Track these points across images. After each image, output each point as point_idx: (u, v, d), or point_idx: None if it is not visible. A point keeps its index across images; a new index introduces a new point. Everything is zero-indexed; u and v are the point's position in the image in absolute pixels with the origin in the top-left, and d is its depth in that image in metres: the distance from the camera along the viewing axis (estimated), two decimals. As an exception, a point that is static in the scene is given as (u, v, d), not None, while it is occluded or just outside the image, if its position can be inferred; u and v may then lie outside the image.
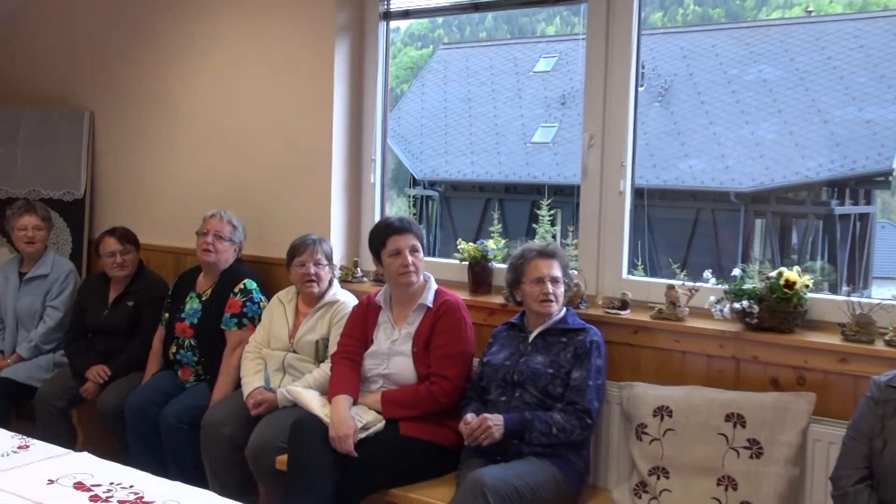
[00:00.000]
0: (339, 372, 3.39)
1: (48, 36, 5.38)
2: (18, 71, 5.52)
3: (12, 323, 4.49)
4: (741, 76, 10.41)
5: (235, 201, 4.40)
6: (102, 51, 5.11)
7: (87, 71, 5.19)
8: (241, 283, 4.00)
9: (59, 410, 4.18)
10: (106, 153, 5.14)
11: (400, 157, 12.03)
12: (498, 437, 2.98)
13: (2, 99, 5.46)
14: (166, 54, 4.81)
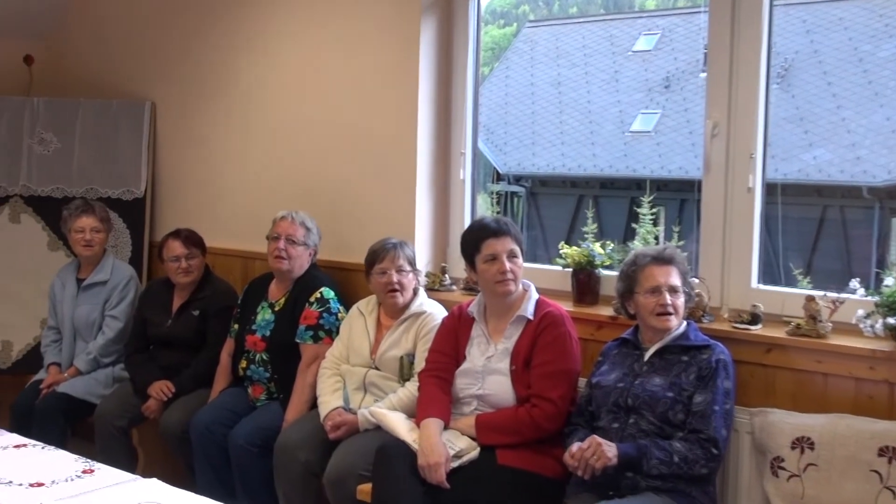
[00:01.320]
0: (427, 392, 3.37)
1: (108, 21, 5.51)
2: (77, 59, 5.66)
3: (69, 333, 4.58)
4: (874, 53, 10.07)
5: (309, 200, 4.42)
6: (165, 36, 5.20)
7: (149, 58, 5.29)
8: (318, 291, 4.01)
9: (119, 430, 4.25)
10: (168, 148, 5.22)
11: (482, 148, 12.01)
12: (612, 458, 2.90)
13: (59, 88, 5.61)
14: (234, 40, 4.86)
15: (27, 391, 4.48)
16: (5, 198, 5.15)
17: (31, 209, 5.16)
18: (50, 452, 2.82)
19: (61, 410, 4.31)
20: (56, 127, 5.21)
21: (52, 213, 5.02)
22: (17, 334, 5.06)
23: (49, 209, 5.10)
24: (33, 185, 5.17)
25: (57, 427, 4.27)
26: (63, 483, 2.55)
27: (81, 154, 5.21)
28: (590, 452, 2.92)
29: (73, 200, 4.80)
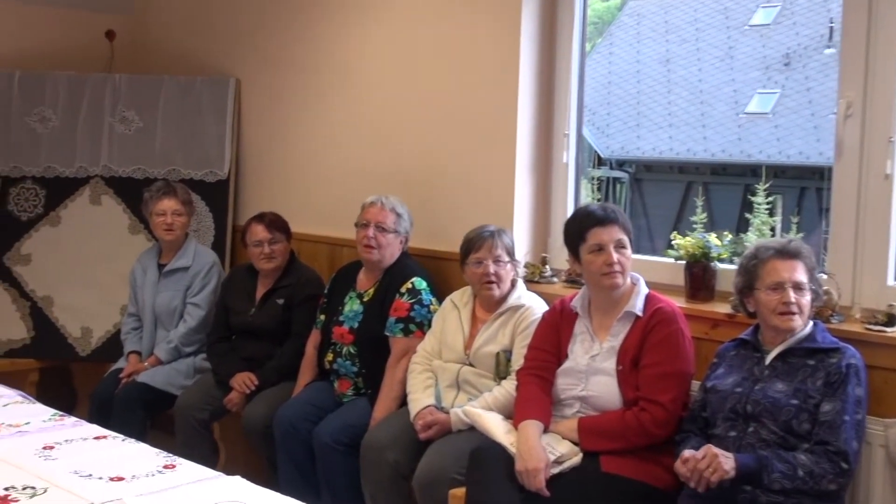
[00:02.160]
0: (526, 392, 3.33)
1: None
2: (159, 33, 5.77)
3: (150, 321, 4.68)
4: None
5: (401, 184, 4.41)
6: (251, 11, 5.25)
7: (234, 33, 5.35)
8: (409, 282, 4.00)
9: (201, 423, 4.32)
10: (253, 127, 5.28)
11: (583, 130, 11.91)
12: (729, 472, 2.83)
13: (142, 64, 5.73)
14: (325, 16, 4.88)
15: (107, 380, 4.59)
16: (86, 178, 5.28)
17: (111, 190, 5.28)
18: (131, 445, 2.87)
19: (141, 401, 4.40)
20: (138, 105, 5.32)
21: (133, 195, 5.13)
22: (97, 321, 5.19)
23: (130, 191, 5.21)
24: (114, 165, 5.28)
25: (137, 418, 4.36)
26: (144, 478, 2.59)
27: (164, 133, 5.30)
28: (705, 464, 2.85)
29: (154, 182, 4.89)
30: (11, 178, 5.27)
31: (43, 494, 2.44)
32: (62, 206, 5.27)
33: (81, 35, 5.68)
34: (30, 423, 3.03)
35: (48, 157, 5.28)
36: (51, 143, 5.29)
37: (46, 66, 5.44)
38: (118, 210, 5.27)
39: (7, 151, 5.27)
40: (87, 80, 5.34)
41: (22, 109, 5.29)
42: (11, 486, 2.47)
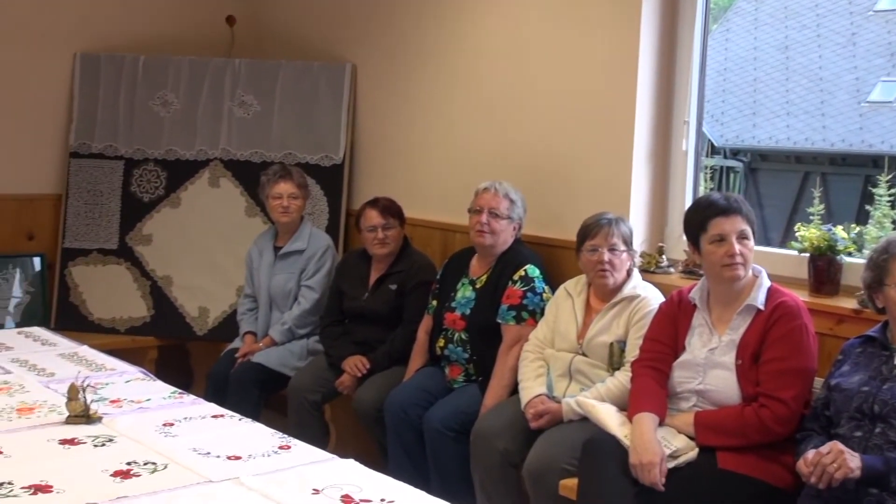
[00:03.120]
0: (641, 384, 3.26)
1: (310, -23, 5.64)
2: (278, 19, 5.83)
3: (265, 303, 4.74)
4: None
5: (515, 170, 4.37)
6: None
7: (351, 18, 5.37)
8: (522, 269, 3.96)
9: (313, 404, 4.37)
10: (368, 112, 5.30)
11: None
12: (854, 471, 2.71)
13: (261, 50, 5.80)
14: (441, 2, 4.86)
15: (223, 360, 4.68)
16: (205, 161, 5.38)
17: (230, 173, 5.36)
18: (247, 425, 2.91)
19: (256, 381, 4.47)
20: (256, 89, 5.38)
21: (250, 178, 5.20)
22: (214, 301, 5.29)
23: (248, 174, 5.28)
24: (233, 148, 5.37)
25: (251, 397, 4.43)
26: (260, 458, 2.61)
27: (281, 117, 5.36)
28: (829, 458, 2.73)
29: (271, 165, 4.95)
30: (134, 161, 5.41)
31: (163, 470, 2.48)
32: (182, 188, 5.38)
33: (203, 20, 5.78)
34: (151, 399, 3.09)
35: (169, 140, 5.40)
36: (172, 127, 5.40)
37: (169, 51, 5.55)
38: (236, 193, 5.35)
39: (131, 134, 5.40)
40: (208, 64, 5.44)
41: (146, 93, 5.41)
42: (133, 461, 2.52)
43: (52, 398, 2.99)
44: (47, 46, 5.38)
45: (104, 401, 3.00)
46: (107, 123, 5.42)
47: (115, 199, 5.40)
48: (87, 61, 5.44)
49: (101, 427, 2.77)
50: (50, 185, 5.47)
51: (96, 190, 5.40)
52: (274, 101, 5.37)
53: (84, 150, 5.42)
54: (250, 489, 2.37)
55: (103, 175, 5.41)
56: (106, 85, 5.42)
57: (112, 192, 5.40)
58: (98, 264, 5.38)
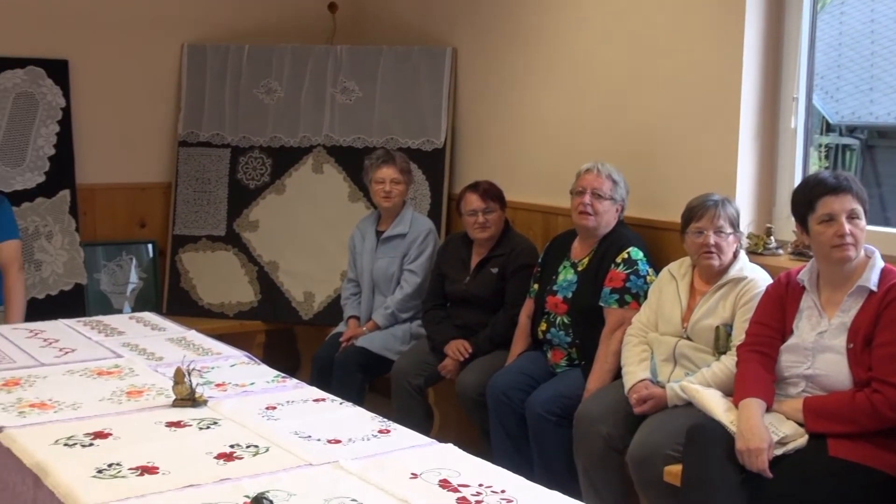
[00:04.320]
0: (748, 369, 3.18)
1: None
2: (376, 4, 5.85)
3: (368, 287, 4.78)
4: None
5: (617, 152, 4.31)
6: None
7: (451, 2, 5.36)
8: (625, 251, 3.90)
9: (416, 388, 4.39)
10: (469, 96, 5.29)
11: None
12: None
13: (362, 36, 5.84)
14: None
15: (328, 344, 4.74)
16: (309, 148, 5.45)
17: (332, 159, 5.42)
18: (347, 409, 2.92)
19: (359, 364, 4.51)
20: (358, 75, 5.42)
21: (353, 164, 5.25)
22: (319, 286, 5.36)
23: (350, 159, 5.33)
24: (336, 134, 5.42)
25: (355, 381, 4.48)
26: (360, 441, 2.63)
27: (382, 103, 5.39)
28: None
29: (373, 151, 4.98)
30: (241, 148, 5.51)
31: (265, 453, 2.51)
32: (287, 174, 5.47)
33: (306, 8, 5.85)
34: (254, 383, 3.13)
35: (274, 127, 5.48)
36: (276, 114, 5.49)
37: (273, 40, 5.63)
38: (339, 178, 5.41)
39: (237, 123, 5.51)
40: (310, 52, 5.50)
41: (250, 82, 5.51)
42: (236, 443, 2.56)
43: (161, 382, 3.06)
44: (156, 38, 5.52)
45: (210, 384, 3.06)
46: (213, 112, 5.54)
47: (222, 186, 5.52)
48: (194, 52, 5.57)
49: (207, 410, 2.82)
50: (160, 173, 5.63)
51: (204, 178, 5.53)
52: (375, 86, 5.40)
53: (192, 138, 5.55)
54: (349, 472, 2.38)
55: (211, 163, 5.53)
56: (212, 75, 5.54)
57: (219, 179, 5.52)
58: (207, 250, 5.52)
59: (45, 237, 5.23)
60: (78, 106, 5.34)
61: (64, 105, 5.28)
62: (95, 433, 2.59)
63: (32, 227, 5.18)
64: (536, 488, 2.36)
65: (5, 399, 2.87)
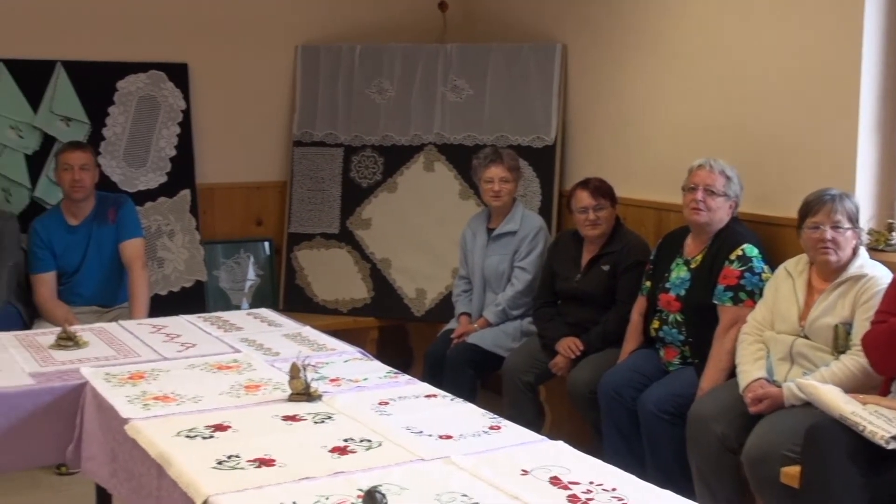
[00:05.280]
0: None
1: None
2: (489, 3, 5.87)
3: (479, 284, 4.80)
4: None
5: (730, 147, 4.24)
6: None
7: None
8: (739, 248, 3.83)
9: (527, 385, 4.40)
10: (579, 92, 5.26)
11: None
12: None
13: (471, 34, 5.87)
14: (650, -29, 4.77)
15: (439, 340, 4.78)
16: (420, 146, 5.50)
17: (443, 157, 5.47)
18: (458, 405, 2.94)
19: (471, 361, 4.54)
20: (468, 74, 5.45)
21: (463, 162, 5.28)
22: (431, 283, 5.42)
23: (461, 157, 5.36)
24: (446, 133, 5.46)
25: (467, 377, 4.51)
26: (470, 437, 2.64)
27: (492, 101, 5.40)
28: None
29: (483, 148, 5.00)
30: (353, 147, 5.60)
31: (378, 448, 2.55)
32: (398, 172, 5.53)
33: (416, 7, 5.91)
34: (367, 378, 3.18)
35: (386, 126, 5.56)
36: (388, 113, 5.56)
37: (384, 39, 5.70)
38: (450, 176, 5.45)
39: (349, 122, 5.60)
40: (421, 50, 5.55)
41: (362, 81, 5.59)
42: (350, 437, 2.61)
43: (277, 376, 3.14)
44: (271, 41, 5.65)
45: (324, 379, 3.11)
46: (327, 112, 5.64)
47: (335, 184, 5.62)
48: (307, 53, 5.68)
49: (321, 405, 2.88)
50: (276, 172, 5.76)
51: (318, 176, 5.64)
52: (485, 84, 5.42)
53: (306, 138, 5.67)
54: (460, 468, 2.40)
55: (324, 162, 5.64)
56: (325, 75, 5.65)
57: (333, 178, 5.62)
58: (321, 248, 5.63)
59: (167, 235, 5.41)
60: (197, 108, 5.51)
61: (184, 107, 5.46)
62: (215, 426, 2.67)
63: (155, 226, 5.36)
64: (648, 487, 2.34)
65: (131, 392, 2.98)
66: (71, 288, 4.80)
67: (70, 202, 4.77)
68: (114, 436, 2.81)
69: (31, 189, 5.08)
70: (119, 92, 5.31)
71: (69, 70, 5.15)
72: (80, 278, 4.80)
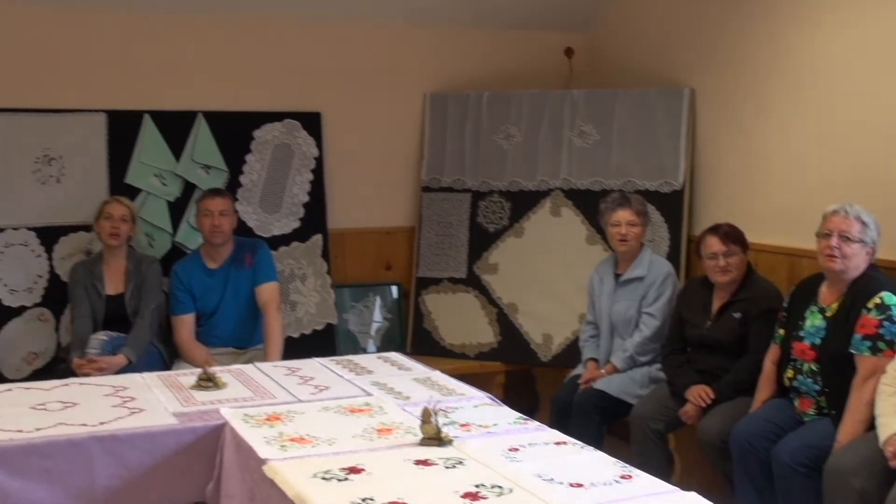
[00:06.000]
0: None
1: (645, 8, 5.66)
2: (612, 47, 5.90)
3: (607, 329, 4.78)
4: None
5: (866, 191, 4.14)
6: (704, 18, 5.22)
7: (687, 43, 5.34)
8: (878, 296, 3.72)
9: (656, 433, 4.35)
10: (707, 136, 5.22)
11: None
12: None
13: (598, 80, 5.89)
14: (780, 17, 4.72)
15: (566, 386, 4.77)
16: (547, 191, 5.53)
17: (570, 202, 5.48)
18: (589, 453, 2.94)
19: (598, 407, 4.52)
20: (595, 119, 5.47)
21: (590, 207, 5.29)
22: (557, 328, 5.42)
23: (588, 202, 5.37)
24: (573, 178, 5.48)
25: (594, 424, 4.49)
26: (602, 486, 2.64)
27: (619, 145, 5.41)
28: None
29: (610, 193, 5.00)
30: (480, 193, 5.67)
31: (508, 494, 2.57)
32: (525, 217, 5.57)
33: (543, 54, 5.98)
34: (497, 424, 3.21)
35: (512, 171, 5.61)
36: (515, 159, 5.61)
37: (511, 86, 5.78)
38: (576, 221, 5.46)
39: (476, 168, 5.68)
40: (547, 96, 5.60)
41: (490, 128, 5.67)
42: (481, 483, 2.63)
43: (408, 420, 3.19)
44: (400, 89, 5.79)
45: (454, 424, 3.15)
46: (454, 158, 5.73)
47: (463, 229, 5.69)
48: (436, 100, 5.79)
49: (452, 450, 2.91)
50: (405, 218, 5.88)
51: (446, 221, 5.72)
52: (612, 129, 5.43)
53: (434, 184, 5.77)
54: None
55: (452, 207, 5.72)
56: (453, 122, 5.75)
57: (460, 223, 5.70)
58: (448, 292, 5.69)
59: (300, 279, 5.55)
60: (329, 155, 5.67)
61: (317, 154, 5.62)
62: (350, 468, 2.74)
63: (288, 270, 5.51)
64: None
65: (268, 433, 3.07)
66: (209, 329, 4.97)
67: (209, 247, 4.96)
68: (252, 475, 2.91)
69: (173, 234, 5.30)
70: (255, 140, 5.51)
71: (209, 120, 5.38)
72: (218, 320, 4.97)
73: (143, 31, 5.26)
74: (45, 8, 5.05)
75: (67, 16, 5.11)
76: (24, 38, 5.06)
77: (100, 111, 5.20)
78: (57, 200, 5.12)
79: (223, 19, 5.39)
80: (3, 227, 5.04)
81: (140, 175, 5.24)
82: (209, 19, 5.37)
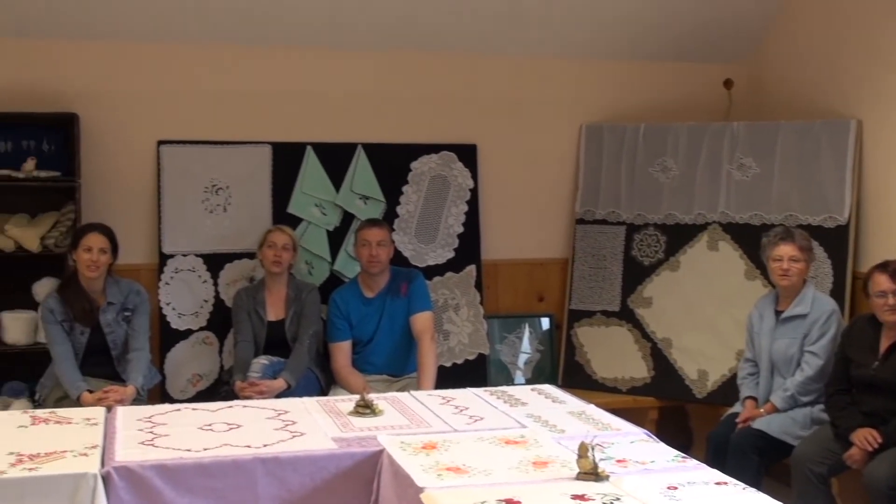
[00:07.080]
0: None
1: (808, 38, 5.52)
2: (775, 80, 5.76)
3: (767, 367, 4.65)
4: None
5: None
6: (870, 45, 5.04)
7: (854, 73, 5.17)
8: None
9: (818, 476, 4.20)
10: (876, 169, 5.04)
11: None
12: None
13: (758, 112, 5.77)
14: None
15: (724, 423, 4.65)
16: (704, 225, 5.43)
17: (728, 236, 5.36)
18: (750, 494, 2.85)
19: (756, 447, 4.39)
20: (755, 151, 5.34)
21: (750, 241, 5.17)
22: (713, 364, 5.30)
23: (747, 236, 5.25)
24: (731, 211, 5.37)
25: (751, 464, 4.36)
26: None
27: (780, 179, 5.26)
28: None
29: (771, 228, 4.87)
30: (635, 226, 5.62)
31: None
32: (681, 251, 5.48)
33: (701, 86, 5.90)
34: (655, 461, 3.15)
35: (669, 204, 5.54)
36: (671, 192, 5.54)
37: (668, 118, 5.71)
38: (735, 256, 5.34)
39: (632, 200, 5.63)
40: (706, 129, 5.50)
41: (646, 160, 5.61)
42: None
43: (563, 454, 3.17)
44: (556, 121, 5.81)
45: (611, 460, 3.11)
46: (609, 190, 5.70)
47: (617, 262, 5.64)
48: (591, 132, 5.78)
49: (609, 486, 2.87)
50: (558, 249, 5.87)
51: (600, 254, 5.69)
52: (773, 162, 5.29)
53: (588, 216, 5.74)
54: (758, 562, 2.34)
55: (606, 240, 5.68)
56: (609, 154, 5.72)
57: (614, 256, 5.65)
58: (601, 325, 5.64)
59: (453, 309, 5.60)
60: (484, 186, 5.72)
61: (472, 186, 5.69)
62: (506, 500, 2.73)
63: (442, 300, 5.57)
64: None
65: (425, 461, 3.10)
66: (364, 357, 5.07)
67: (367, 275, 5.06)
68: (409, 502, 2.93)
69: (332, 263, 5.44)
70: (412, 172, 5.61)
71: (368, 152, 5.52)
72: (373, 348, 5.06)
73: (308, 67, 5.44)
74: (217, 45, 5.29)
75: (238, 53, 5.35)
76: (197, 74, 5.31)
77: (265, 143, 5.41)
78: (223, 228, 5.34)
79: (383, 54, 5.53)
80: (173, 254, 5.28)
81: (301, 205, 5.41)
82: (371, 55, 5.52)
